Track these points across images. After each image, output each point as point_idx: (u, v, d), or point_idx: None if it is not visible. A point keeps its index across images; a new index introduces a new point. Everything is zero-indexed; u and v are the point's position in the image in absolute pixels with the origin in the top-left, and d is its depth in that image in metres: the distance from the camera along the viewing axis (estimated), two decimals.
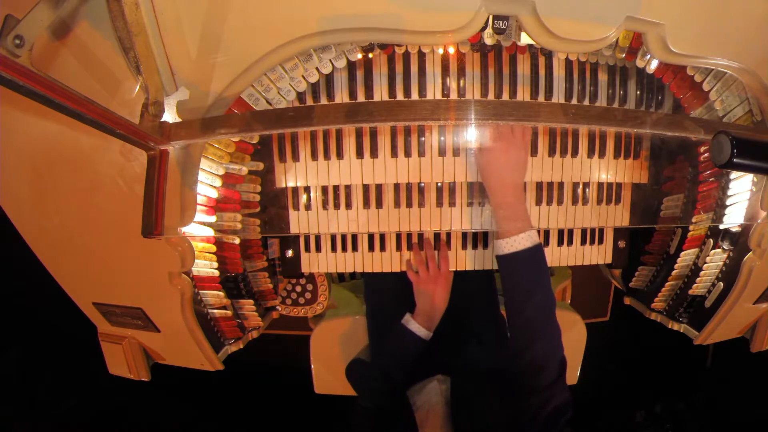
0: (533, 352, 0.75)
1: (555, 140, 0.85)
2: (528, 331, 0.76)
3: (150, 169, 0.62)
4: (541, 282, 0.78)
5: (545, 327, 0.77)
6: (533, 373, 0.74)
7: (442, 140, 0.84)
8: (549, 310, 0.77)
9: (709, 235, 0.88)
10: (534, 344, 0.75)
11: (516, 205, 0.80)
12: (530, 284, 0.77)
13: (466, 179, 0.86)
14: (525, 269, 0.78)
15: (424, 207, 0.88)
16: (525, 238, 0.77)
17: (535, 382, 0.74)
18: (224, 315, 0.89)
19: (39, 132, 0.65)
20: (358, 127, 0.82)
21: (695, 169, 0.84)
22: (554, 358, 0.75)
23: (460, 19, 0.59)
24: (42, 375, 1.93)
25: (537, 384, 0.73)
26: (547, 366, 0.74)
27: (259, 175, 0.84)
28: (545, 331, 0.76)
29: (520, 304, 0.77)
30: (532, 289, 0.77)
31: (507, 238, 0.77)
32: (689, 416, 2.27)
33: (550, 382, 0.74)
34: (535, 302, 0.76)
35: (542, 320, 0.77)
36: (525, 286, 0.77)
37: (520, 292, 0.77)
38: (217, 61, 0.62)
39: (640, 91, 0.84)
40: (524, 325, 0.77)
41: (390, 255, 0.97)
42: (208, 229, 0.77)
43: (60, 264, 0.80)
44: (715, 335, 0.92)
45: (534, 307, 0.76)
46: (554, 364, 0.75)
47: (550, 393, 0.73)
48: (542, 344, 0.75)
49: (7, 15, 0.40)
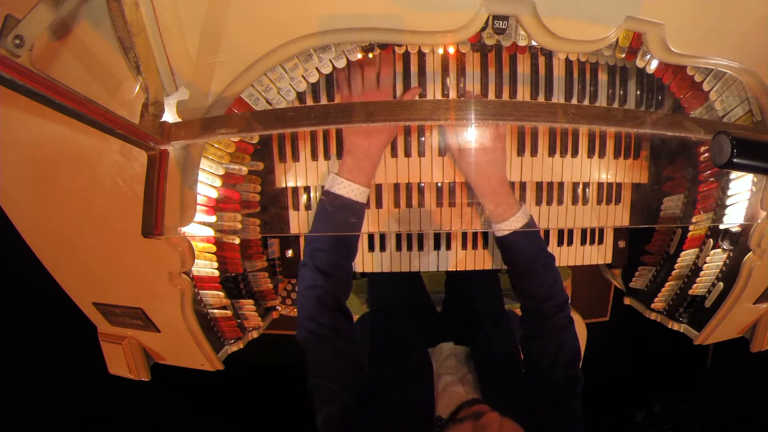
0: (552, 302, 0.79)
1: (555, 140, 0.85)
2: (541, 291, 0.80)
3: (150, 169, 0.62)
4: (542, 246, 0.83)
5: (557, 281, 0.80)
6: (552, 314, 0.78)
7: (442, 140, 0.84)
8: (553, 263, 0.82)
9: (709, 235, 0.88)
10: (552, 296, 0.79)
11: (502, 191, 0.82)
12: (533, 250, 0.81)
13: (466, 179, 0.86)
14: (525, 243, 0.81)
15: (424, 207, 0.88)
16: (520, 217, 0.80)
17: (554, 320, 0.78)
18: (224, 315, 0.89)
19: (39, 132, 0.65)
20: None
21: (695, 169, 0.84)
22: (566, 304, 0.81)
23: (460, 19, 0.59)
24: (42, 375, 1.93)
25: (556, 321, 0.78)
26: (565, 307, 0.79)
27: (259, 175, 0.84)
28: (557, 284, 0.80)
29: (527, 269, 0.81)
30: (536, 254, 0.81)
31: (503, 221, 0.80)
32: (689, 416, 2.28)
33: (565, 323, 0.79)
34: (541, 263, 0.80)
35: (553, 275, 0.81)
36: (529, 252, 0.81)
37: (524, 261, 0.81)
38: (217, 61, 0.62)
39: (640, 91, 0.84)
40: (537, 286, 0.80)
41: (390, 255, 0.97)
42: (208, 229, 0.77)
43: (60, 264, 0.80)
44: (715, 335, 0.92)
45: (542, 266, 0.80)
46: (566, 309, 0.80)
47: (568, 329, 0.79)
48: (558, 293, 0.80)
49: (7, 15, 0.39)
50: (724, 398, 2.21)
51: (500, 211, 0.81)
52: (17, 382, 1.88)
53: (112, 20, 0.54)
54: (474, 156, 0.81)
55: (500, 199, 0.81)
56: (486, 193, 0.82)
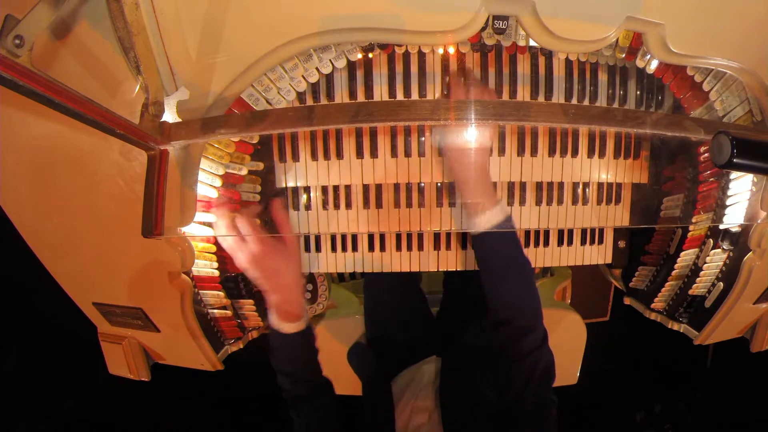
0: (525, 316, 0.75)
1: (555, 140, 0.85)
2: (513, 298, 0.76)
3: (150, 169, 0.62)
4: (518, 251, 0.78)
5: (531, 289, 0.76)
6: (525, 335, 0.73)
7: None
8: (530, 270, 0.78)
9: (709, 235, 0.88)
10: (524, 309, 0.75)
11: (481, 183, 0.78)
12: (508, 253, 0.77)
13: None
14: (499, 243, 0.77)
15: (424, 207, 0.88)
16: (497, 212, 0.76)
17: (527, 343, 0.73)
18: (224, 315, 0.89)
19: (39, 132, 0.65)
20: (358, 127, 0.82)
21: (695, 169, 0.84)
22: (540, 315, 0.76)
23: (460, 19, 0.59)
24: (42, 375, 1.93)
25: (528, 344, 0.73)
26: (538, 325, 0.75)
27: (259, 175, 0.84)
28: (531, 292, 0.76)
29: (498, 273, 0.76)
30: (510, 258, 0.77)
31: (478, 215, 0.76)
32: (689, 416, 2.27)
33: (541, 341, 0.74)
34: (517, 265, 0.76)
35: (527, 281, 0.77)
36: (502, 254, 0.77)
37: (496, 263, 0.77)
38: (217, 61, 0.62)
39: (640, 91, 0.84)
40: (511, 289, 0.76)
41: (390, 255, 0.97)
42: (208, 229, 0.77)
43: (60, 264, 0.80)
44: (715, 335, 0.92)
45: (518, 269, 0.76)
46: (542, 324, 0.75)
47: (541, 351, 0.73)
48: (531, 303, 0.75)
49: (7, 15, 0.40)
50: (724, 398, 2.21)
51: (477, 203, 0.77)
52: (17, 382, 1.88)
53: (112, 20, 0.55)
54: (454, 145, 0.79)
55: (478, 191, 0.78)
56: (464, 181, 0.79)
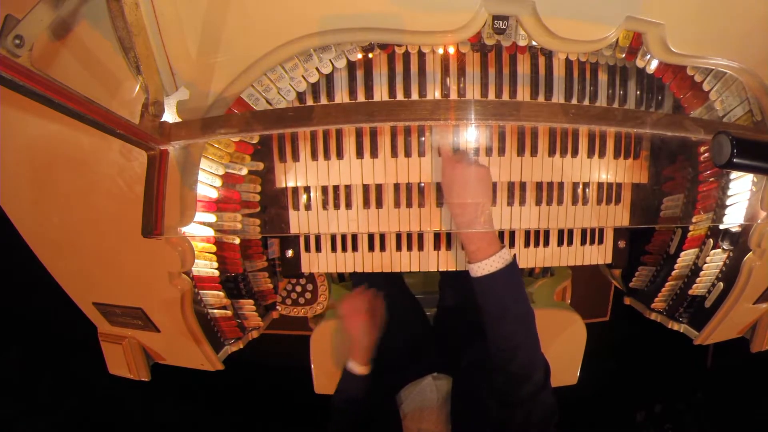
0: (517, 363, 0.73)
1: (555, 140, 0.85)
2: (510, 343, 0.73)
3: (150, 169, 0.62)
4: (519, 297, 0.74)
5: (527, 339, 0.74)
6: (519, 384, 0.72)
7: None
8: (529, 321, 0.75)
9: (709, 235, 0.88)
10: (517, 355, 0.72)
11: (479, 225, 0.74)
12: (507, 301, 0.73)
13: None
14: (501, 289, 0.73)
15: (424, 207, 0.88)
16: (497, 259, 0.72)
17: (521, 392, 0.72)
18: (224, 315, 0.89)
19: (39, 132, 0.65)
20: (358, 127, 0.82)
21: (695, 169, 0.84)
22: (539, 365, 0.74)
23: (460, 19, 0.59)
24: (42, 375, 1.94)
25: (522, 394, 0.72)
26: (533, 374, 0.73)
27: (259, 175, 0.84)
28: (527, 342, 0.74)
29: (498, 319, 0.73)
30: (509, 303, 0.73)
31: (479, 262, 0.72)
32: (689, 416, 2.28)
33: (537, 389, 0.72)
34: (514, 314, 0.73)
35: (524, 332, 0.74)
36: (502, 302, 0.73)
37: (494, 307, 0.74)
38: (217, 61, 0.62)
39: (640, 91, 0.84)
40: (506, 337, 0.73)
41: (390, 255, 0.97)
42: (208, 229, 0.77)
43: (60, 264, 0.80)
44: (715, 335, 0.92)
45: (513, 319, 0.73)
46: (539, 372, 0.74)
47: (535, 401, 0.73)
48: (525, 353, 0.73)
49: (7, 15, 0.40)
50: (724, 398, 2.21)
51: (473, 249, 0.73)
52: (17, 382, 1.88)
53: (112, 20, 0.55)
54: (453, 178, 0.75)
55: (476, 235, 0.74)
56: (461, 224, 0.76)
